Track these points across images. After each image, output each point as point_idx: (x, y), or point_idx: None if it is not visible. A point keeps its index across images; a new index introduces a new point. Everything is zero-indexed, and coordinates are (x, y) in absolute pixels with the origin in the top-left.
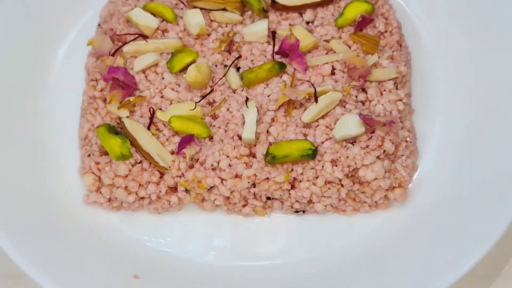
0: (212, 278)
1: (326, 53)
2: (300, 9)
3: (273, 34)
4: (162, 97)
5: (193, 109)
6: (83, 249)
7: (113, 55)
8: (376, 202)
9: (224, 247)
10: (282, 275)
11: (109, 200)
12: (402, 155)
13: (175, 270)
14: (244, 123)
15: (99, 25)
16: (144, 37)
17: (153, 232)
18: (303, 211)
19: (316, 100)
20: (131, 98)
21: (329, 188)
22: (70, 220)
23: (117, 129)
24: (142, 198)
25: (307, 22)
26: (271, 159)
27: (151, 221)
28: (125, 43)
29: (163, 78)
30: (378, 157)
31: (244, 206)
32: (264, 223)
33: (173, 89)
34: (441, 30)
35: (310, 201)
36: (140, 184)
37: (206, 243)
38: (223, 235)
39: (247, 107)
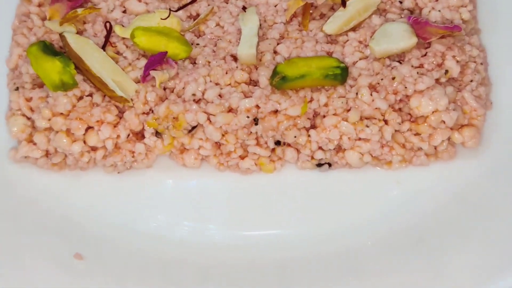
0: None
1: None
2: None
3: None
4: (124, 11)
5: (166, 18)
6: (11, 224)
7: None
8: (435, 148)
9: (212, 219)
10: (297, 254)
11: (46, 154)
12: (471, 81)
13: (136, 249)
14: (240, 39)
15: None
16: None
17: (110, 200)
18: (329, 164)
19: (343, 4)
20: (80, 10)
21: (367, 126)
22: None
23: (56, 49)
24: (94, 148)
25: None
26: (280, 81)
27: (106, 185)
28: None
29: None
30: (437, 80)
31: (242, 158)
32: (272, 183)
33: (140, 0)
34: None
35: (339, 148)
36: (89, 127)
37: (183, 214)
38: (211, 203)
39: (245, 14)
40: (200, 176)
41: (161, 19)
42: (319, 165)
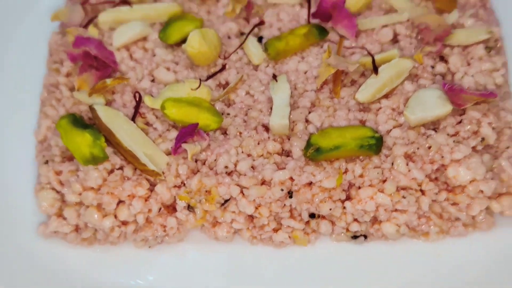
0: None
1: (384, 14)
2: None
3: None
4: (153, 80)
5: (196, 89)
6: None
7: (85, 27)
8: (474, 218)
9: None
10: None
11: (76, 228)
12: (508, 147)
13: None
14: (271, 108)
15: None
16: (128, 3)
17: (140, 276)
18: (365, 236)
19: (375, 71)
20: (108, 81)
21: (403, 197)
22: (21, 258)
23: (86, 121)
24: (124, 223)
25: None
26: (314, 152)
27: (138, 259)
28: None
29: (154, 55)
30: (474, 149)
31: (276, 230)
32: (307, 256)
33: (168, 69)
34: None
35: (375, 220)
36: (120, 201)
37: None
38: (243, 277)
39: (275, 83)
40: (232, 249)
41: (191, 89)
42: (355, 237)
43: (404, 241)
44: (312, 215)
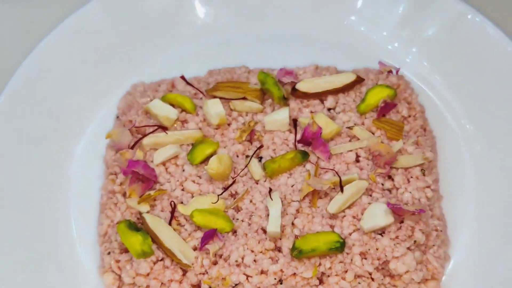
0: None
1: (350, 140)
2: (321, 96)
3: (294, 122)
4: (183, 189)
5: (215, 203)
6: None
7: (132, 148)
8: None
9: None
10: None
11: None
12: (434, 245)
13: None
14: (268, 215)
15: (117, 117)
16: (164, 128)
17: None
18: None
19: (341, 190)
20: (151, 192)
21: (359, 283)
22: None
23: (137, 225)
24: None
25: (329, 109)
26: (298, 253)
27: None
28: (144, 136)
29: (183, 170)
30: (408, 248)
31: None
32: None
33: (194, 182)
34: (467, 112)
35: None
36: (162, 283)
37: None
38: None
39: (271, 199)
40: None
41: (212, 203)
42: None
43: None
44: None
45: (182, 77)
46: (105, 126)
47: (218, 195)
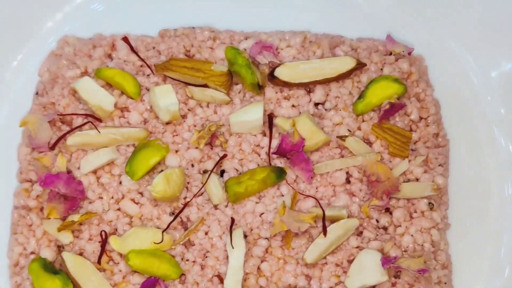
0: None
1: (340, 154)
2: (307, 86)
3: (270, 120)
4: (118, 209)
5: (159, 243)
6: None
7: (53, 147)
8: None
9: None
10: None
11: None
12: None
13: None
14: (227, 257)
15: (37, 93)
16: (97, 119)
17: None
18: None
19: (324, 233)
20: (76, 217)
21: None
22: None
23: (54, 267)
24: None
25: (316, 104)
26: None
27: None
28: (69, 131)
29: (120, 183)
30: None
31: None
32: None
33: (134, 201)
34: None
35: None
36: None
37: None
38: None
39: (232, 246)
40: None
41: (154, 243)
42: None
43: None
44: None
45: (125, 39)
46: (22, 99)
47: (163, 231)
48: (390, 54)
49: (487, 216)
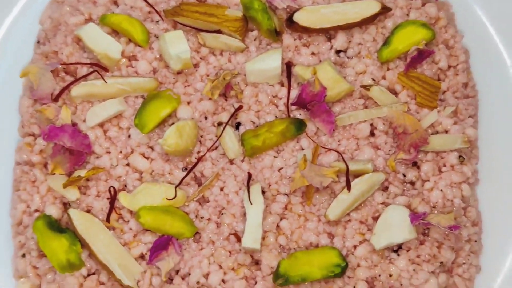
0: None
1: (364, 105)
2: (328, 32)
3: (288, 69)
4: (127, 164)
5: (172, 199)
6: None
7: (56, 99)
8: None
9: None
10: None
11: None
12: (464, 263)
13: None
14: (245, 214)
15: (38, 42)
16: (103, 68)
17: None
18: None
19: (348, 188)
20: (82, 173)
21: None
22: None
23: (61, 225)
24: None
25: (338, 51)
26: (283, 282)
27: None
28: (74, 81)
29: (129, 137)
30: (432, 272)
31: None
32: None
33: (143, 155)
34: None
35: None
36: None
37: None
38: None
39: (250, 202)
40: None
41: (167, 199)
42: None
43: None
44: None
45: None
46: (23, 49)
47: (176, 186)
48: None
49: None
